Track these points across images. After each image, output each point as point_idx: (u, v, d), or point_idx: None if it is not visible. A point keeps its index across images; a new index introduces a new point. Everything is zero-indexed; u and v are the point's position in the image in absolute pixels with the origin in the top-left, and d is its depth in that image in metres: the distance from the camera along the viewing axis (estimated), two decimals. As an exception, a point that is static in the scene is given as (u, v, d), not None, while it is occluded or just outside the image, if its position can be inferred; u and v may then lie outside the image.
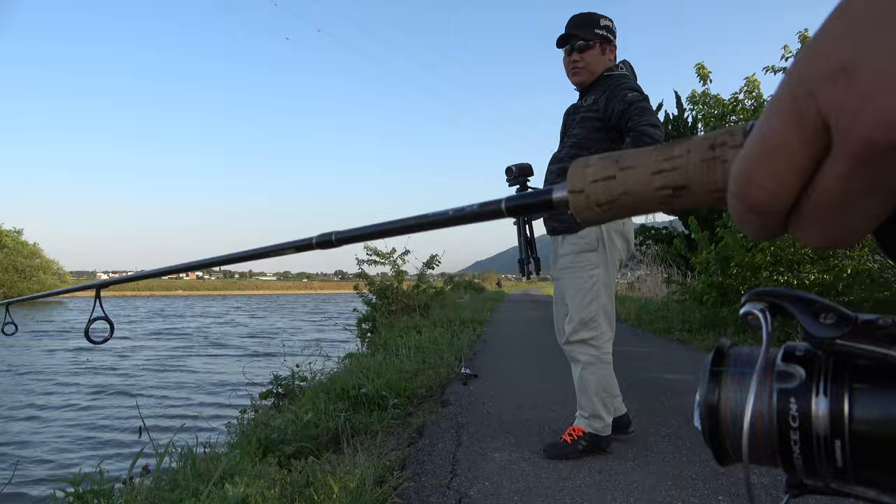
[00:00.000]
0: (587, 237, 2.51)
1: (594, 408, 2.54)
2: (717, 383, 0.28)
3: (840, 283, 5.83)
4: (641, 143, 2.25)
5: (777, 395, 0.26)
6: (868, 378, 0.24)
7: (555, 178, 2.62)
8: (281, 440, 2.93)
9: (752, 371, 0.27)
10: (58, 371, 14.10)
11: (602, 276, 2.52)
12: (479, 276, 52.58)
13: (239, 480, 2.00)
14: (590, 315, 2.53)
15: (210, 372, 14.06)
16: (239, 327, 28.91)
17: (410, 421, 3.38)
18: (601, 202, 0.31)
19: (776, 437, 0.26)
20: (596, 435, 2.57)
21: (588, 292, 2.51)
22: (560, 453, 2.56)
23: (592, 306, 2.52)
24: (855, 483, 0.25)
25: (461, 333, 7.60)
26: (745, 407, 0.26)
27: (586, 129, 2.53)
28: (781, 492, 0.27)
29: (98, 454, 6.99)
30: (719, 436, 0.28)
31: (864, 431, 0.23)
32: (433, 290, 13.21)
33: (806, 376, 0.25)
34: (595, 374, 2.54)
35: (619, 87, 2.42)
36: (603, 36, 2.56)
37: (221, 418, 5.99)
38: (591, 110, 2.53)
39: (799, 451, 0.25)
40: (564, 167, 2.52)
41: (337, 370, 5.36)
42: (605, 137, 2.49)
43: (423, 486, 2.24)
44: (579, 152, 2.51)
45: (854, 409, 0.24)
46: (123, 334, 25.30)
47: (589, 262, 2.52)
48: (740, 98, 6.66)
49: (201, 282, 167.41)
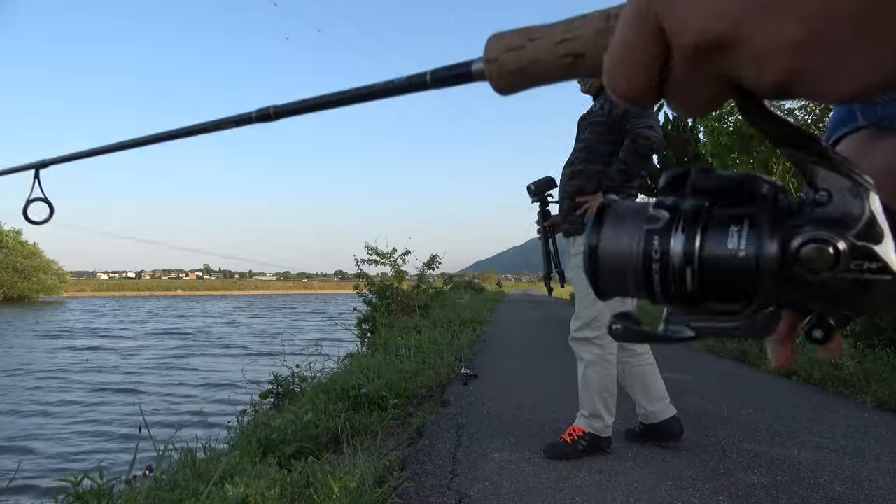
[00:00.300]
0: None
1: (595, 407, 2.54)
2: (598, 228, 0.31)
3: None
4: (637, 146, 2.39)
5: (644, 234, 0.30)
6: (717, 221, 0.29)
7: (566, 182, 2.67)
8: (281, 440, 2.93)
9: (629, 216, 0.31)
10: (62, 370, 14.12)
11: None
12: (479, 277, 52.59)
13: (239, 481, 2.00)
14: (593, 315, 2.56)
15: (212, 371, 14.06)
16: (241, 327, 28.94)
17: (410, 421, 3.38)
18: (512, 70, 0.34)
19: (641, 269, 0.30)
20: (596, 435, 2.56)
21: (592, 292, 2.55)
22: (560, 453, 2.56)
23: (597, 305, 2.54)
24: (699, 310, 0.30)
25: (461, 334, 7.60)
26: (619, 245, 0.31)
27: (595, 134, 2.60)
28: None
29: (101, 451, 6.99)
30: (598, 273, 0.32)
31: (709, 260, 0.28)
32: (433, 291, 13.20)
33: (669, 219, 0.30)
34: (597, 374, 2.55)
35: None
36: None
37: (224, 416, 5.99)
38: (598, 115, 2.60)
39: (658, 280, 0.29)
40: (574, 170, 2.64)
41: (337, 370, 5.36)
42: (612, 140, 2.55)
43: (423, 486, 2.24)
44: (588, 156, 2.61)
45: (704, 245, 0.28)
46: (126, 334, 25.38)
47: None
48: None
49: (201, 282, 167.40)
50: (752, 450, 2.70)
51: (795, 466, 2.45)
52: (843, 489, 2.18)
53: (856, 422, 3.27)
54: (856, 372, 4.13)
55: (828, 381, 4.28)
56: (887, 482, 2.26)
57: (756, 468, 2.43)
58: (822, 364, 4.44)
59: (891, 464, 2.50)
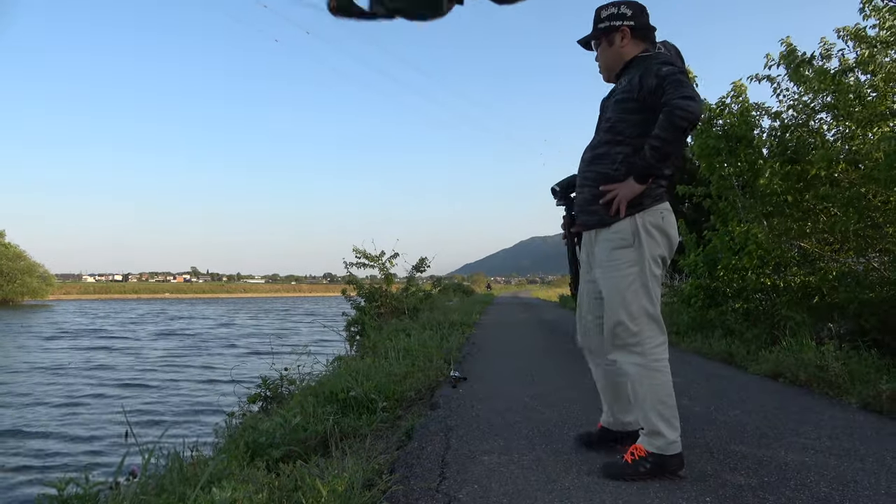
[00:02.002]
0: (621, 231, 2.31)
1: (651, 423, 2.26)
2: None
3: (825, 285, 5.89)
4: (675, 118, 2.07)
5: None
6: None
7: (586, 168, 2.44)
8: (269, 444, 2.91)
9: None
10: (60, 369, 13.98)
11: (639, 274, 2.29)
12: (468, 279, 52.54)
13: (226, 484, 1.98)
14: (628, 317, 2.29)
15: (204, 370, 13.97)
16: (232, 328, 28.77)
17: (399, 424, 3.37)
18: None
19: None
20: (661, 455, 2.25)
21: (626, 292, 2.29)
22: (619, 473, 2.29)
23: (631, 308, 2.29)
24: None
25: (450, 336, 7.60)
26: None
27: (620, 112, 2.34)
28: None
29: (90, 453, 6.93)
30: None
31: None
32: (422, 293, 13.19)
33: None
34: (645, 385, 2.27)
35: (654, 62, 2.26)
36: (605, 28, 2.40)
37: (213, 418, 5.95)
38: (625, 91, 2.34)
39: None
40: (597, 154, 2.40)
41: (326, 373, 5.34)
42: (640, 119, 2.29)
43: (411, 489, 2.23)
44: (614, 137, 2.35)
45: None
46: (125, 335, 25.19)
47: (624, 259, 2.31)
48: (727, 102, 6.71)
49: (189, 285, 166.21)
50: (740, 451, 2.71)
51: (782, 467, 2.46)
52: (829, 490, 2.20)
53: (841, 423, 3.30)
54: (841, 374, 4.17)
55: (813, 382, 4.32)
56: (872, 482, 2.28)
57: (743, 469, 2.44)
58: (807, 366, 4.48)
59: (875, 464, 2.52)
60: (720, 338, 6.58)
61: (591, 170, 2.40)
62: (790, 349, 5.04)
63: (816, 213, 6.12)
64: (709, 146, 6.72)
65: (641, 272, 2.29)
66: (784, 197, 6.15)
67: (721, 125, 6.80)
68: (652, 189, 2.30)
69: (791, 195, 6.14)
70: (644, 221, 2.29)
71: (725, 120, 6.73)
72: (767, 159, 6.43)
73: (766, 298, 6.84)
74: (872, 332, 5.00)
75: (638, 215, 2.29)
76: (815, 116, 6.20)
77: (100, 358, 17.15)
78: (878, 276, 5.47)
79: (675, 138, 2.12)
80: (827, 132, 6.16)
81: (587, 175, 2.42)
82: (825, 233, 6.15)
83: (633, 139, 2.29)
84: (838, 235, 5.99)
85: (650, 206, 2.31)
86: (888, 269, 5.40)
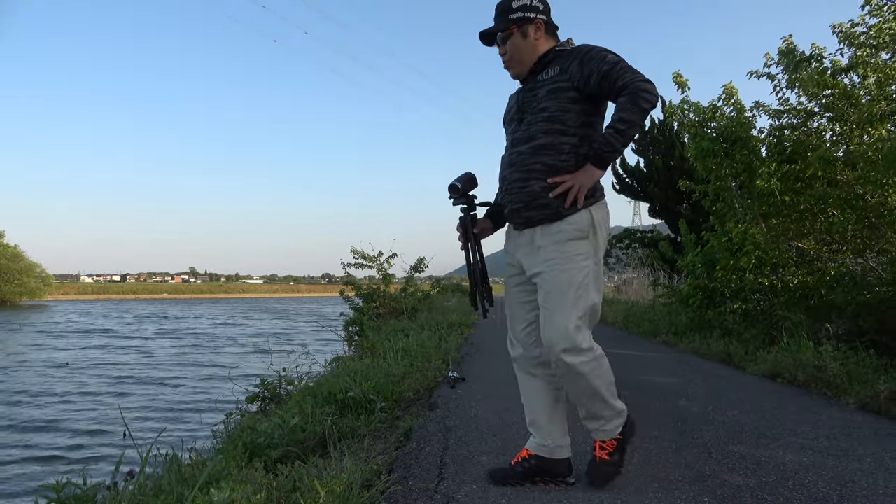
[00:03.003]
0: (578, 223, 2.14)
1: (613, 407, 2.20)
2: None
3: (823, 286, 5.89)
4: (640, 101, 1.99)
5: None
6: None
7: (530, 160, 2.20)
8: (267, 444, 2.91)
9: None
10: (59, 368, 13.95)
11: (593, 268, 2.15)
12: (467, 280, 52.44)
13: (225, 485, 1.98)
14: (579, 313, 2.10)
15: (204, 370, 13.96)
16: (230, 329, 28.76)
17: (398, 424, 3.37)
18: None
19: None
20: (624, 430, 2.24)
21: (578, 288, 2.10)
22: (609, 474, 2.23)
23: (582, 303, 2.10)
24: None
25: (448, 337, 7.60)
26: None
27: (559, 101, 2.15)
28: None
29: (90, 452, 6.92)
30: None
31: None
32: (420, 294, 13.20)
33: None
34: (600, 377, 2.15)
35: (592, 52, 2.12)
36: (519, 18, 2.23)
37: (214, 416, 5.94)
38: (559, 80, 2.16)
39: None
40: (539, 145, 2.18)
41: (324, 374, 5.34)
42: (581, 109, 2.15)
43: (410, 489, 2.23)
44: (553, 126, 2.16)
45: None
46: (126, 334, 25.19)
47: (580, 251, 2.14)
48: (718, 105, 6.71)
49: (187, 285, 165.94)
50: (738, 451, 2.71)
51: (780, 468, 2.47)
52: (826, 490, 2.20)
53: (839, 423, 3.31)
54: (839, 374, 4.18)
55: (812, 382, 4.32)
56: (870, 482, 2.29)
57: (741, 469, 2.44)
58: (805, 366, 4.49)
59: (873, 464, 2.53)
60: (718, 338, 6.59)
61: (536, 161, 2.18)
62: (788, 349, 5.05)
63: (814, 213, 6.13)
64: (703, 148, 6.73)
65: (596, 266, 2.18)
66: (782, 198, 6.15)
67: (714, 128, 6.80)
68: (598, 182, 2.21)
69: (789, 195, 6.14)
70: (599, 217, 2.19)
71: (719, 122, 6.73)
72: (764, 160, 6.43)
73: (765, 299, 6.84)
74: (870, 333, 5.01)
75: (592, 208, 2.17)
76: (813, 117, 6.21)
77: (100, 357, 17.13)
78: (876, 277, 5.48)
79: (640, 120, 2.04)
80: (825, 133, 6.18)
81: (533, 168, 2.18)
82: (823, 233, 6.15)
83: (578, 128, 2.15)
84: (836, 236, 5.99)
85: (599, 199, 2.22)
86: (886, 269, 5.40)
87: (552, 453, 2.28)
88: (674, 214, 16.25)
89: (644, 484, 2.26)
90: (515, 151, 2.26)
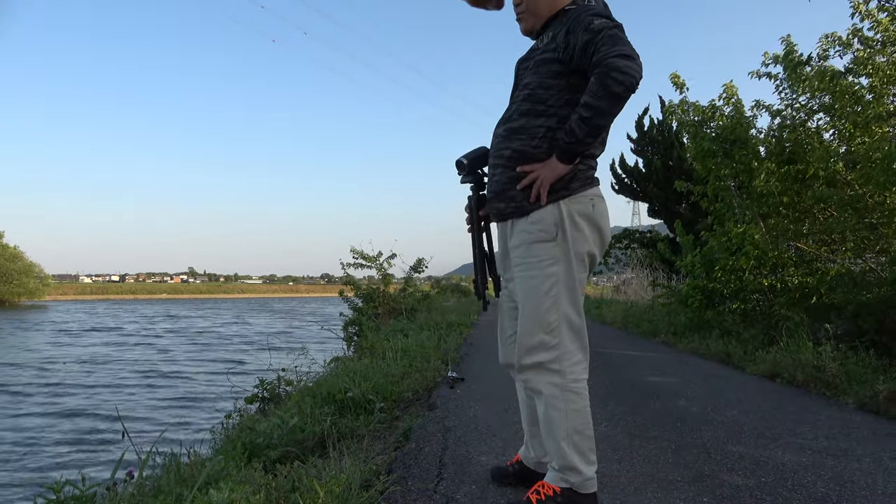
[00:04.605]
0: (541, 221, 1.86)
1: (564, 456, 1.83)
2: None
3: (823, 286, 5.90)
4: (609, 81, 1.63)
5: None
6: None
7: (500, 145, 1.96)
8: (266, 445, 2.91)
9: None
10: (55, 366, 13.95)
11: (562, 275, 1.84)
12: (466, 279, 52.45)
13: (224, 485, 1.98)
14: (545, 328, 1.84)
15: (206, 366, 13.97)
16: (231, 328, 28.79)
17: (397, 425, 3.36)
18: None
19: None
20: (574, 492, 1.84)
21: (543, 298, 1.85)
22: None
23: (549, 317, 1.84)
24: None
25: (448, 337, 7.60)
26: None
27: (541, 76, 1.87)
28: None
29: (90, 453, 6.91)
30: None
31: None
32: (420, 294, 13.20)
33: None
34: (560, 410, 1.82)
35: (581, 15, 1.79)
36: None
37: (210, 420, 5.94)
38: (547, 50, 1.88)
39: None
40: (512, 128, 1.93)
41: (323, 374, 5.33)
42: (566, 85, 1.84)
43: (409, 490, 2.23)
44: (533, 106, 1.88)
45: None
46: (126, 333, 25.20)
47: (544, 256, 1.85)
48: (718, 105, 6.72)
49: (186, 285, 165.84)
50: (737, 451, 2.71)
51: (779, 468, 2.47)
52: (826, 490, 2.20)
53: (838, 423, 3.31)
54: (838, 374, 4.18)
55: (811, 382, 4.33)
56: (869, 482, 2.29)
57: (740, 469, 2.44)
58: (805, 366, 4.49)
59: (872, 464, 2.53)
60: (717, 338, 6.59)
61: (507, 147, 1.93)
62: (787, 350, 5.05)
63: (814, 213, 6.14)
64: (703, 148, 6.73)
65: (567, 272, 1.85)
66: (781, 198, 6.16)
67: (714, 127, 6.80)
68: (580, 171, 1.88)
69: (788, 196, 6.15)
70: (570, 210, 1.85)
71: (718, 122, 6.73)
72: (763, 160, 6.43)
73: (764, 299, 6.85)
74: (869, 333, 5.01)
75: (563, 202, 1.85)
76: (814, 117, 6.21)
77: (101, 355, 17.13)
78: (875, 277, 5.48)
79: (608, 107, 1.67)
80: (825, 132, 6.18)
81: (501, 153, 1.95)
82: (822, 233, 6.16)
83: (559, 108, 1.85)
84: (836, 236, 6.00)
85: (578, 192, 1.86)
86: (885, 269, 5.41)
87: (535, 467, 2.15)
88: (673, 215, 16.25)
89: (643, 484, 2.26)
90: (494, 134, 2.04)
